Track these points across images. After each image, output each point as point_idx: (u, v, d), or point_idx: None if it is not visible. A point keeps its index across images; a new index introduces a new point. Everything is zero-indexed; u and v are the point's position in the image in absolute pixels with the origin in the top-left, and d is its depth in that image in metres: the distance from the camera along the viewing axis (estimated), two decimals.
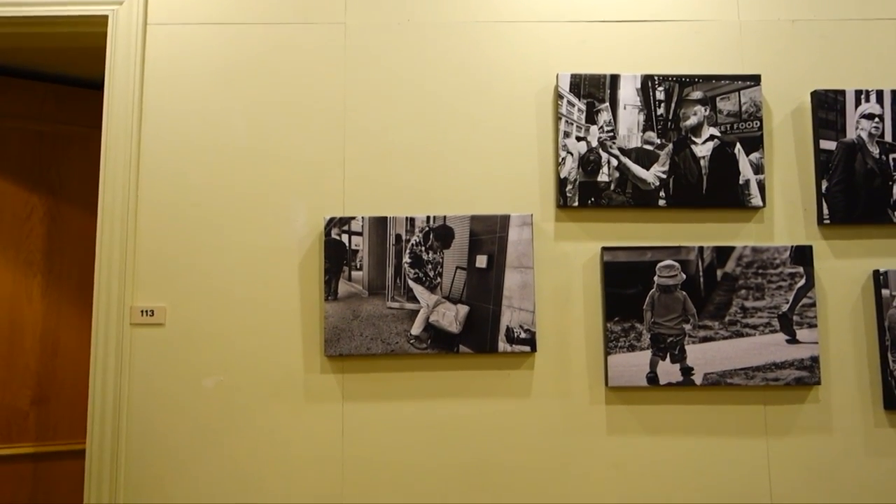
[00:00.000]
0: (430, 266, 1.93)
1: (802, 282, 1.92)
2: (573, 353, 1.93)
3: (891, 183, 1.96)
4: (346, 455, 1.89)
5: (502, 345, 1.90)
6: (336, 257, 1.93)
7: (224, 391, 1.91)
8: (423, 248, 1.94)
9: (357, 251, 1.93)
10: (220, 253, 1.96)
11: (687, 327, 1.91)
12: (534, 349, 1.90)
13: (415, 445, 1.90)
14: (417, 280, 1.93)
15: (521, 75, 2.02)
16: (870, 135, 1.97)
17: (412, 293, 1.92)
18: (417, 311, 1.92)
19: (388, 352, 1.90)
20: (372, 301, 1.92)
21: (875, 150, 1.97)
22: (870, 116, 1.98)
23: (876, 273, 1.93)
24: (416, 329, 1.91)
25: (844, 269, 1.95)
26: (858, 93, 1.98)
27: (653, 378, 1.89)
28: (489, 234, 1.93)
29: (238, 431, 1.90)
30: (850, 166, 1.96)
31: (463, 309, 1.91)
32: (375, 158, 1.99)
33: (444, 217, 1.94)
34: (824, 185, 1.95)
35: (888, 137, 1.97)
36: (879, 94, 1.98)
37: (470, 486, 1.88)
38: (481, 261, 1.93)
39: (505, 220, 1.94)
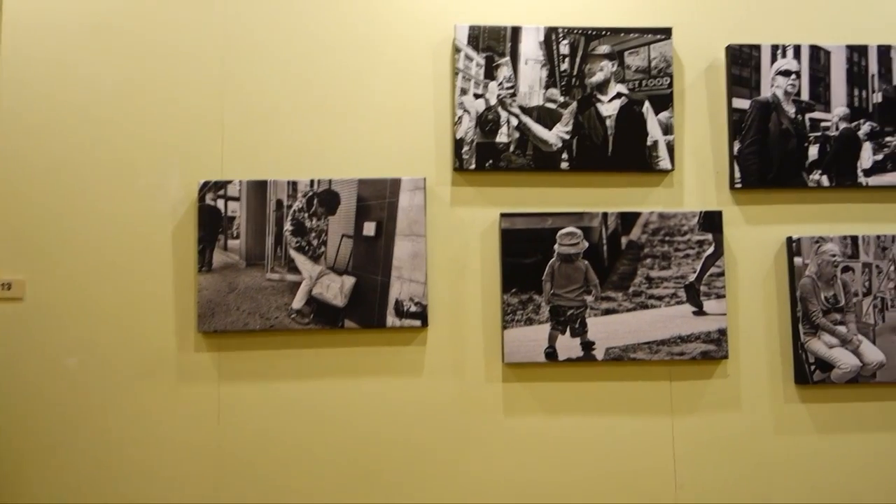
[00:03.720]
0: (313, 234, 1.78)
1: (711, 250, 1.80)
2: (469, 327, 1.80)
3: (806, 144, 1.84)
4: (223, 440, 1.75)
5: (391, 319, 1.76)
6: (211, 225, 1.77)
7: (89, 372, 1.75)
8: (307, 215, 1.78)
9: (234, 218, 1.78)
10: (86, 221, 1.78)
11: (589, 299, 1.78)
12: (425, 324, 1.76)
13: (297, 429, 1.76)
14: (300, 249, 1.77)
15: (416, 27, 1.86)
16: (786, 93, 1.85)
17: (294, 264, 1.77)
18: (299, 284, 1.77)
19: (267, 327, 1.75)
20: (250, 272, 1.77)
21: (791, 110, 1.85)
22: (786, 73, 1.85)
23: (789, 240, 1.82)
24: (298, 302, 1.76)
25: (756, 236, 1.84)
26: (775, 48, 1.85)
27: (552, 353, 1.77)
28: (378, 200, 1.78)
29: (105, 415, 1.75)
30: (764, 126, 1.84)
31: (349, 280, 1.77)
32: (257, 118, 1.83)
33: (330, 181, 1.79)
34: (736, 146, 1.83)
35: (805, 95, 1.85)
36: (797, 49, 1.85)
37: (358, 471, 1.75)
38: (369, 228, 1.78)
39: (395, 184, 1.79)
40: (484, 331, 1.80)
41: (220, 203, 1.77)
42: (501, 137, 1.81)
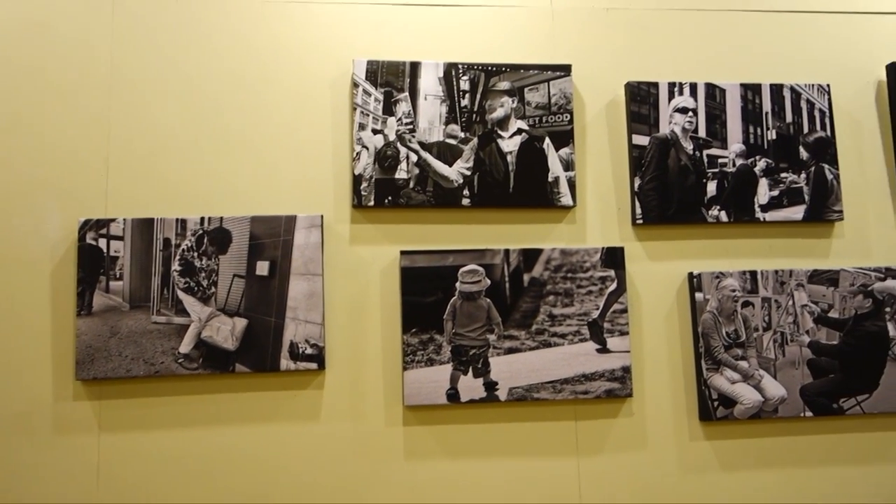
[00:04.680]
0: (203, 274, 1.69)
1: (614, 286, 1.78)
2: (368, 369, 1.73)
3: (705, 180, 1.86)
4: (103, 496, 1.63)
5: (285, 362, 1.68)
6: (91, 266, 1.67)
7: None
8: (196, 254, 1.70)
9: (117, 258, 1.68)
10: None
11: (491, 338, 1.74)
12: (322, 366, 1.69)
13: (185, 481, 1.65)
14: (188, 290, 1.69)
15: (315, 61, 1.82)
16: (683, 130, 1.86)
17: (182, 305, 1.68)
18: (187, 326, 1.68)
19: (151, 373, 1.65)
20: (134, 315, 1.67)
21: (689, 146, 1.86)
22: (683, 110, 1.87)
23: (690, 276, 1.82)
24: (186, 346, 1.67)
25: (658, 272, 1.83)
26: (672, 85, 1.88)
27: (453, 395, 1.71)
28: (272, 238, 1.72)
29: None
30: (663, 163, 1.85)
31: (241, 322, 1.69)
32: (145, 153, 1.75)
33: (221, 218, 1.71)
34: (637, 182, 1.83)
35: (702, 132, 1.87)
36: (693, 86, 1.88)
37: None
38: (262, 267, 1.71)
39: (291, 221, 1.72)
40: (384, 373, 1.73)
41: (103, 242, 1.68)
42: (401, 173, 1.77)
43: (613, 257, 1.79)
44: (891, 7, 2.00)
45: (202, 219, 1.71)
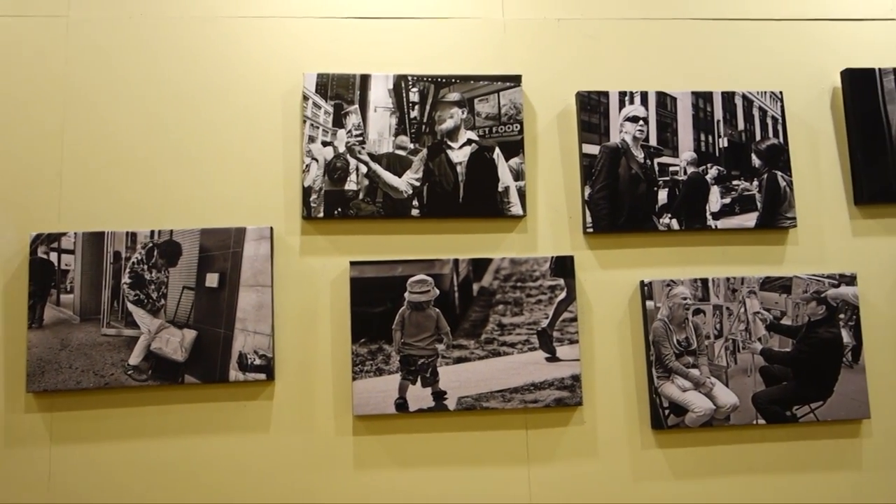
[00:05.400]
0: (153, 286, 1.71)
1: (563, 295, 1.79)
2: (318, 380, 1.74)
3: (656, 189, 1.86)
4: None
5: (234, 373, 1.70)
6: (43, 279, 1.69)
7: None
8: (146, 267, 1.72)
9: (67, 271, 1.70)
10: None
11: (440, 347, 1.75)
12: (271, 377, 1.70)
13: (135, 491, 1.67)
14: (138, 302, 1.71)
15: (266, 75, 1.84)
16: (634, 138, 1.87)
17: (132, 318, 1.70)
18: (137, 338, 1.69)
19: (101, 385, 1.67)
20: (84, 328, 1.69)
21: (640, 155, 1.87)
22: (634, 119, 1.88)
23: (641, 284, 1.82)
24: (135, 358, 1.69)
25: (610, 281, 1.84)
26: (622, 94, 1.88)
27: (402, 404, 1.72)
28: (222, 250, 1.73)
29: None
30: (613, 172, 1.85)
31: (190, 334, 1.70)
32: (98, 167, 1.77)
33: (171, 231, 1.73)
34: (587, 191, 1.84)
35: (653, 141, 1.88)
36: (644, 95, 1.89)
37: None
38: (212, 279, 1.73)
39: (240, 233, 1.74)
40: (333, 383, 1.74)
41: (54, 256, 1.70)
42: (350, 185, 1.78)
43: (563, 266, 1.80)
44: (844, 13, 2.01)
45: (152, 232, 1.73)
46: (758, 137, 1.91)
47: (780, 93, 1.92)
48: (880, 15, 2.02)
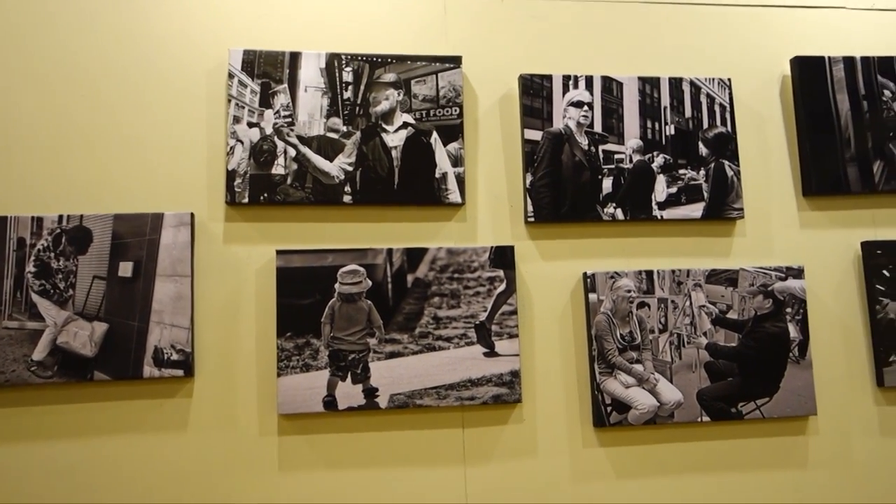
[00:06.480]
0: (60, 276, 1.59)
1: (503, 287, 1.71)
2: (241, 376, 1.63)
3: (600, 177, 1.79)
4: None
5: (149, 369, 1.58)
6: None
7: None
8: (53, 255, 1.59)
9: None
10: None
11: (372, 342, 1.65)
12: (189, 373, 1.59)
13: (43, 496, 1.54)
14: (44, 293, 1.58)
15: (188, 51, 1.72)
16: (578, 124, 1.80)
17: (36, 309, 1.57)
18: (42, 332, 1.57)
19: (2, 382, 1.54)
20: None
21: (584, 142, 1.79)
22: (578, 104, 1.80)
23: (584, 275, 1.74)
24: (40, 353, 1.56)
25: (551, 272, 1.76)
26: (566, 78, 1.81)
27: (331, 402, 1.62)
28: (137, 237, 1.61)
29: None
30: (556, 159, 1.77)
31: (100, 327, 1.58)
32: (1, 148, 1.63)
33: (81, 216, 1.61)
34: (529, 179, 1.75)
35: (598, 127, 1.80)
36: (589, 79, 1.81)
37: None
38: (125, 269, 1.61)
39: (157, 219, 1.62)
40: (257, 379, 1.64)
41: None
42: (278, 169, 1.68)
43: (503, 257, 1.72)
44: (795, 0, 1.95)
45: (60, 217, 1.60)
46: (705, 125, 1.85)
47: (729, 80, 1.87)
48: (831, 3, 1.97)
